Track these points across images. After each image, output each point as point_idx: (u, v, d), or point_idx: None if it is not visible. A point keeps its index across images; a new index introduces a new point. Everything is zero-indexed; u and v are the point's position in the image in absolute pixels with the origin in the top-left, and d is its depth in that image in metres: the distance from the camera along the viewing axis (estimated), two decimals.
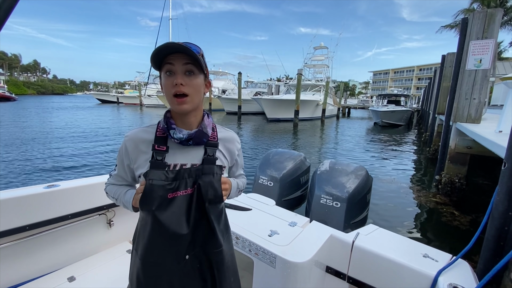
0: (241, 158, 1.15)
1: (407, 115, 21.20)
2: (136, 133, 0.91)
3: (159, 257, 0.89)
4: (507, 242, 1.68)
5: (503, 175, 1.69)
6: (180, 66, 0.82)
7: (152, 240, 0.88)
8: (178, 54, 0.81)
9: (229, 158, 1.04)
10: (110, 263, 1.93)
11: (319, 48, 30.47)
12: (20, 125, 14.41)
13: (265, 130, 16.29)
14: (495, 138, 2.98)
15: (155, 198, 0.84)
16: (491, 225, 1.74)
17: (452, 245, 3.49)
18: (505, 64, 16.25)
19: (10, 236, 1.58)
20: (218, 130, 1.02)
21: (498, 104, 11.12)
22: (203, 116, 0.96)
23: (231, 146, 1.04)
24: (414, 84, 69.23)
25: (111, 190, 1.01)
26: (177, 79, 0.81)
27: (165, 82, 0.84)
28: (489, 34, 4.47)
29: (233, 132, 1.07)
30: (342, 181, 2.18)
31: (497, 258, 1.71)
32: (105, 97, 49.45)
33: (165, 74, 0.83)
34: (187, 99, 0.84)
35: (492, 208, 1.73)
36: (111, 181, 1.02)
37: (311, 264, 1.37)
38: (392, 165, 8.12)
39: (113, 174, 1.00)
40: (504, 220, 1.67)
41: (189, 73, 0.84)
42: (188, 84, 0.84)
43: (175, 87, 0.82)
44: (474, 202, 4.85)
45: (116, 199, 0.99)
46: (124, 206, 0.96)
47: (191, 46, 0.83)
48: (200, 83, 0.88)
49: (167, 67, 0.82)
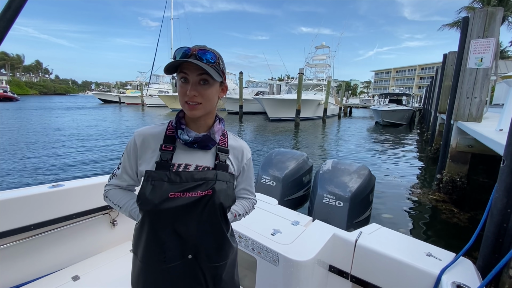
0: (251, 171, 1.09)
1: (408, 114, 21.13)
2: (146, 129, 0.92)
3: (159, 258, 0.87)
4: (506, 239, 1.69)
5: (501, 172, 1.71)
6: (194, 76, 0.82)
7: (151, 240, 0.87)
8: (193, 64, 0.80)
9: (236, 167, 1.01)
10: (114, 262, 1.94)
11: (320, 47, 30.39)
12: (23, 125, 14.46)
13: (266, 129, 16.29)
14: (495, 137, 2.97)
15: (155, 197, 0.82)
16: (490, 222, 1.76)
17: (453, 243, 3.49)
18: (507, 63, 16.17)
19: (15, 236, 1.59)
20: (229, 137, 1.01)
21: (500, 103, 11.07)
22: (215, 121, 0.96)
23: (239, 155, 1.02)
24: (416, 83, 69.03)
25: (115, 196, 0.97)
26: (190, 91, 0.82)
27: (180, 88, 0.84)
28: (490, 33, 4.46)
29: (244, 142, 1.06)
30: (345, 181, 2.19)
31: (496, 254, 1.73)
32: (107, 97, 49.55)
33: (180, 80, 0.84)
34: (199, 106, 0.85)
35: (491, 205, 1.75)
36: (115, 182, 0.98)
37: (314, 263, 1.38)
38: (393, 164, 8.11)
39: (117, 173, 0.97)
40: (503, 217, 1.69)
41: (203, 82, 0.84)
42: (202, 94, 0.84)
43: (187, 97, 0.83)
44: (475, 200, 4.86)
45: (121, 207, 0.96)
46: (130, 216, 0.95)
47: (207, 54, 0.82)
48: (214, 92, 0.88)
49: (182, 75, 0.83)
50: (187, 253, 0.89)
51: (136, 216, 0.93)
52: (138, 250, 0.91)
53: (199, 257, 0.91)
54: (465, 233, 3.76)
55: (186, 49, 0.82)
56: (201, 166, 0.91)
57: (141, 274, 0.91)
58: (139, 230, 0.91)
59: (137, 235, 0.91)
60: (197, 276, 0.92)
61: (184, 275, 0.90)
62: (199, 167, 0.91)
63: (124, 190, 1.00)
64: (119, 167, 0.97)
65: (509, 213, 1.66)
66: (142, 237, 0.88)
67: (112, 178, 0.99)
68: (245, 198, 1.13)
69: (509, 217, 1.67)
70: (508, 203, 1.66)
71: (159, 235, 0.86)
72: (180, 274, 0.90)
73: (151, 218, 0.86)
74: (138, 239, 0.91)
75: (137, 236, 0.91)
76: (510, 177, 1.65)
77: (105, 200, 1.00)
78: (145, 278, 0.90)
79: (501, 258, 1.69)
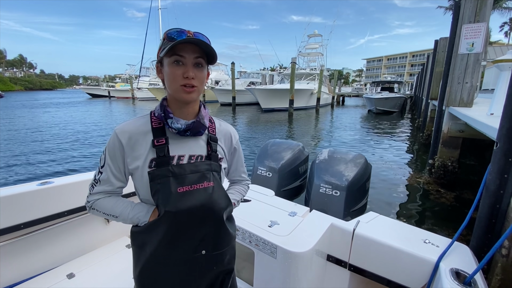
0: (241, 152, 1.11)
1: (400, 101, 21.34)
2: (128, 124, 0.86)
3: (170, 253, 0.86)
4: (499, 219, 1.75)
5: (494, 154, 1.75)
6: (192, 59, 0.81)
7: (165, 236, 0.84)
8: (190, 46, 0.80)
9: (227, 149, 1.02)
10: (109, 258, 1.92)
11: (313, 36, 30.07)
12: (9, 122, 14.08)
13: (260, 120, 16.24)
14: (487, 121, 3.01)
15: (166, 195, 0.81)
16: (483, 204, 1.81)
17: (446, 225, 3.58)
18: (496, 49, 16.33)
19: (5, 235, 1.55)
20: (215, 122, 1.01)
21: (489, 88, 11.22)
22: (200, 107, 0.94)
23: (228, 138, 1.02)
24: (407, 70, 69.46)
25: (105, 205, 0.88)
26: (188, 72, 0.81)
27: (173, 71, 0.81)
28: (481, 18, 4.48)
29: (230, 125, 1.06)
30: (341, 170, 2.18)
31: (489, 235, 1.79)
32: (95, 91, 48.47)
33: (173, 63, 0.81)
34: (195, 89, 0.84)
35: (484, 186, 1.79)
36: (100, 189, 0.88)
37: (312, 253, 1.38)
38: (386, 152, 8.22)
39: (101, 178, 0.87)
40: (496, 199, 1.74)
41: (197, 66, 0.83)
42: (198, 76, 0.83)
43: (185, 79, 0.81)
44: (466, 184, 4.99)
45: (117, 216, 0.88)
46: (132, 223, 0.89)
47: (203, 37, 0.83)
48: (205, 75, 0.88)
49: (176, 57, 0.80)
50: (200, 248, 0.88)
51: (141, 222, 0.88)
52: (146, 245, 0.87)
53: (208, 250, 0.90)
54: (458, 215, 3.87)
55: (182, 30, 0.80)
56: (194, 155, 0.90)
57: (150, 268, 0.88)
58: (152, 226, 0.85)
59: (149, 229, 0.86)
60: (207, 269, 0.92)
61: (195, 268, 0.89)
62: (193, 157, 0.89)
63: (113, 196, 0.92)
64: (100, 171, 0.88)
65: (502, 194, 1.71)
66: (157, 232, 0.84)
67: (95, 186, 0.89)
68: (239, 182, 1.16)
69: (502, 198, 1.72)
70: (501, 184, 1.71)
71: (173, 231, 0.84)
72: (191, 268, 0.89)
73: (169, 216, 0.82)
74: (149, 233, 0.86)
75: (148, 231, 0.86)
76: (502, 159, 1.69)
77: (91, 213, 0.90)
78: (155, 272, 0.87)
79: (494, 238, 1.75)
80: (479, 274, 1.08)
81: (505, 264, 1.62)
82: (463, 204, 4.22)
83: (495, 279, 1.67)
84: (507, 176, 1.68)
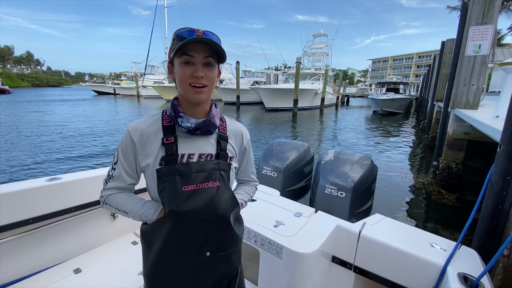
0: (251, 152, 1.10)
1: (406, 103, 21.18)
2: (141, 123, 0.88)
3: (175, 253, 0.87)
4: (501, 220, 1.76)
5: (498, 156, 1.76)
6: (201, 58, 0.81)
7: (171, 234, 0.85)
8: (199, 45, 0.80)
9: (237, 149, 1.01)
10: (115, 254, 1.94)
11: (318, 36, 29.93)
12: (17, 118, 14.24)
13: (264, 120, 16.22)
14: (492, 123, 2.99)
15: (171, 193, 0.82)
16: (486, 205, 1.82)
17: (449, 227, 3.57)
18: (504, 51, 16.11)
19: (14, 230, 1.57)
20: (227, 121, 1.01)
21: (496, 90, 11.08)
22: (211, 106, 0.94)
23: (239, 138, 1.02)
24: (413, 71, 68.78)
25: (118, 201, 0.92)
26: (198, 72, 0.81)
27: (183, 70, 0.81)
28: (489, 20, 4.43)
29: (242, 125, 1.05)
30: (347, 171, 2.18)
31: (491, 235, 1.80)
32: (101, 88, 48.78)
33: (183, 63, 0.81)
34: (205, 89, 0.84)
35: (487, 188, 1.80)
36: (114, 185, 0.91)
37: (317, 254, 1.38)
38: (391, 153, 8.17)
39: (114, 174, 0.90)
40: (498, 200, 1.75)
41: (207, 65, 0.83)
42: (208, 76, 0.83)
43: (194, 79, 0.81)
44: (470, 186, 4.97)
45: (127, 212, 0.90)
46: (141, 220, 0.91)
47: (213, 36, 0.81)
48: (216, 75, 0.87)
49: (185, 57, 0.80)
50: (205, 250, 0.89)
51: (149, 219, 0.89)
52: (153, 243, 0.88)
53: (213, 251, 0.90)
54: (461, 217, 3.84)
55: (192, 30, 0.80)
56: (204, 154, 0.90)
57: (157, 268, 0.89)
58: (157, 225, 0.87)
59: (154, 228, 0.88)
60: (212, 271, 0.92)
61: (200, 269, 0.90)
62: (202, 155, 0.89)
63: (125, 193, 0.95)
64: (114, 167, 0.91)
65: (505, 196, 1.72)
66: (161, 231, 0.86)
67: (108, 182, 0.92)
68: (248, 182, 1.15)
69: (504, 199, 1.73)
70: (504, 186, 1.72)
71: (178, 231, 0.85)
72: (197, 269, 0.89)
73: (173, 215, 0.83)
74: (155, 232, 0.88)
75: (154, 229, 0.88)
76: (506, 161, 1.71)
77: (104, 208, 0.94)
78: (164, 271, 0.89)
79: (496, 239, 1.76)
80: (486, 277, 1.07)
81: (506, 264, 1.64)
82: (467, 206, 4.20)
83: (496, 279, 1.69)
84: (510, 178, 1.70)
